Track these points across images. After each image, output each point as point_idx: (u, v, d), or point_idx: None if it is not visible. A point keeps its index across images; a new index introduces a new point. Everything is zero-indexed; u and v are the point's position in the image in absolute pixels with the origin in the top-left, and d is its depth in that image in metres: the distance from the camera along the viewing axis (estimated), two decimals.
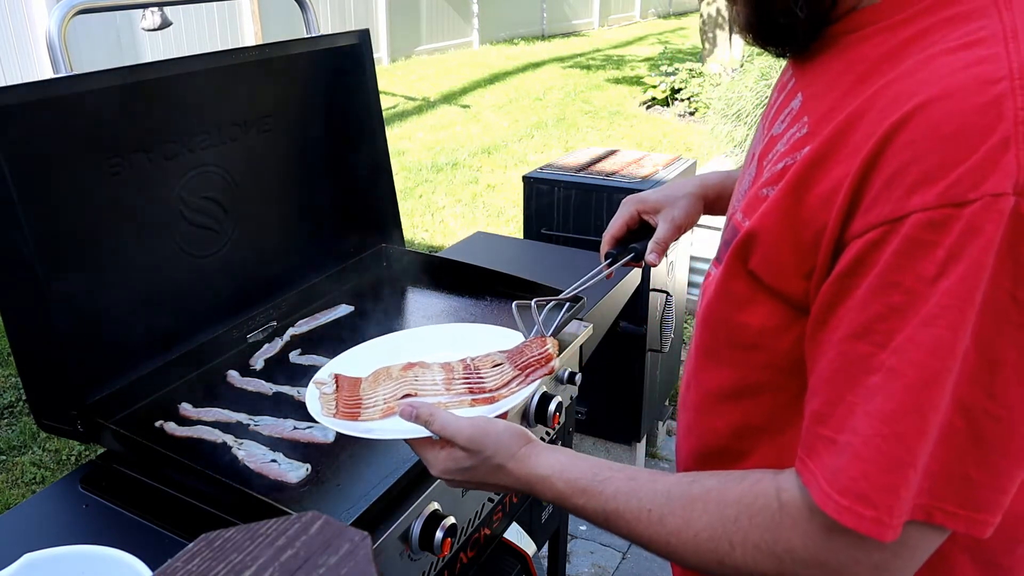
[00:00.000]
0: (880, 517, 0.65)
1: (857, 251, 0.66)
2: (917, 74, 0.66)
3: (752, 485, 0.76)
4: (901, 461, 0.64)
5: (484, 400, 1.01)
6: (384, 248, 1.98)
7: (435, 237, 5.40)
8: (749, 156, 0.93)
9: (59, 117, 1.25)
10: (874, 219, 0.65)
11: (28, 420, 3.35)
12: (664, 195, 1.27)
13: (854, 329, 0.67)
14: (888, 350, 0.65)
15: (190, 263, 1.54)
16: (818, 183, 0.70)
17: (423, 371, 1.08)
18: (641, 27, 17.45)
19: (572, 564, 2.65)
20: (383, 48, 11.74)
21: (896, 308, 0.64)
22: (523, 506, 1.65)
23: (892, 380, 0.65)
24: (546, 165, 2.98)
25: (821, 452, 0.70)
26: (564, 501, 0.86)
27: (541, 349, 1.06)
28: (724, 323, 0.84)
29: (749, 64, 6.24)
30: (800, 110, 0.79)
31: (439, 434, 0.90)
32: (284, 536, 0.51)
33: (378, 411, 1.01)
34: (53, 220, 1.28)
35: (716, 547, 0.75)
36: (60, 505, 1.26)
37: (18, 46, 7.38)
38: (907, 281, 0.63)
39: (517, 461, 0.88)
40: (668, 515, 0.79)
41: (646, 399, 2.95)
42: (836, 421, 0.69)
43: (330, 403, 1.04)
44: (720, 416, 0.90)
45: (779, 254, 0.74)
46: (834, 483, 0.67)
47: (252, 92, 1.62)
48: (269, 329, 1.66)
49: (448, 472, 0.91)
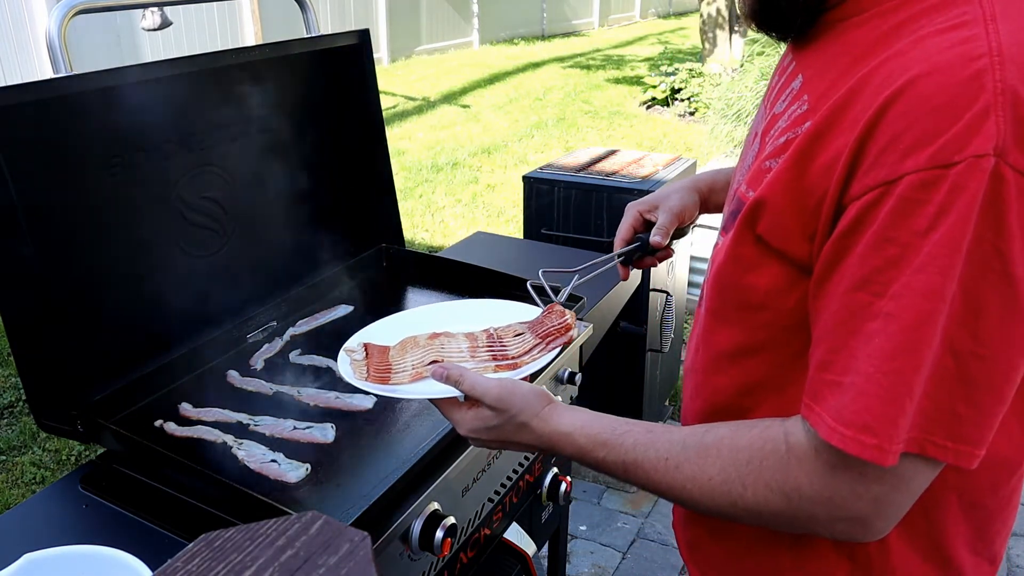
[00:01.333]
0: (881, 444, 0.72)
1: (856, 212, 0.73)
2: (908, 53, 0.73)
3: (762, 431, 0.83)
4: (899, 393, 0.71)
5: (507, 366, 1.06)
6: (384, 248, 1.98)
7: (435, 237, 5.40)
8: (751, 135, 1.00)
9: (59, 117, 1.25)
10: (871, 182, 0.72)
11: (28, 420, 3.35)
12: (659, 192, 1.37)
13: (854, 282, 0.74)
14: (885, 298, 0.72)
15: (190, 263, 1.54)
16: (820, 154, 0.77)
17: (448, 340, 1.13)
18: (641, 27, 17.45)
19: (572, 564, 2.65)
20: (383, 48, 11.74)
21: (892, 260, 0.71)
22: (523, 506, 1.65)
23: (889, 323, 0.72)
24: (546, 165, 2.98)
25: (827, 395, 0.76)
26: (585, 455, 0.92)
27: (560, 319, 1.12)
28: (733, 286, 0.90)
29: (749, 64, 6.24)
30: (800, 89, 0.86)
31: (468, 393, 0.96)
32: (284, 536, 0.51)
33: (407, 375, 1.07)
34: (53, 220, 1.28)
35: (729, 489, 0.82)
36: (60, 505, 1.26)
37: (18, 46, 7.38)
38: (901, 235, 0.71)
39: (540, 419, 0.94)
40: (684, 462, 0.85)
41: (646, 399, 2.95)
42: (839, 366, 0.75)
43: (361, 368, 1.10)
44: (727, 374, 0.95)
45: (785, 219, 0.81)
46: (839, 418, 0.74)
47: (252, 92, 1.62)
48: (269, 329, 1.66)
49: (475, 431, 0.97)
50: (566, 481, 1.73)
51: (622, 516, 2.91)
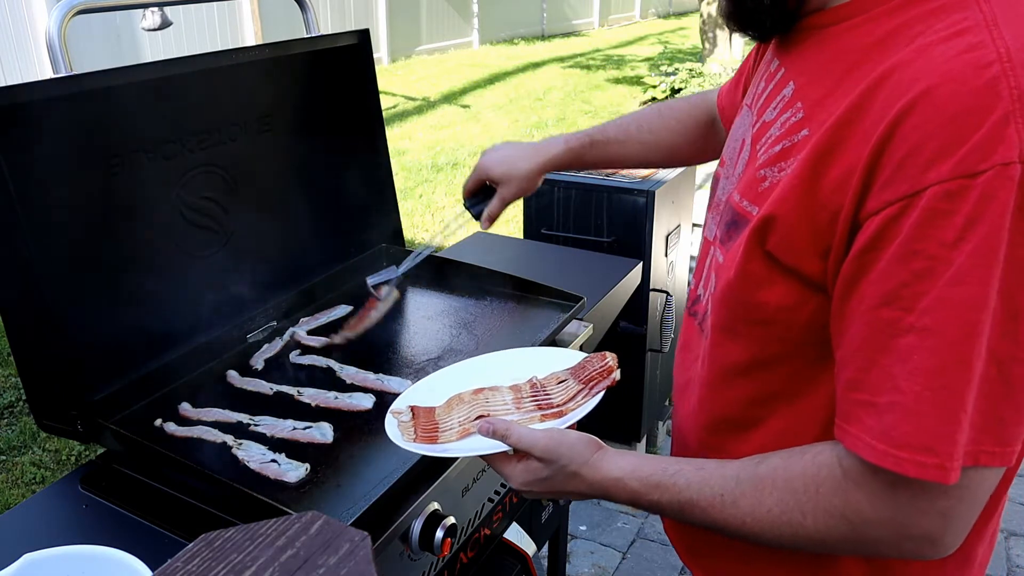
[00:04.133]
0: (942, 463, 0.71)
1: (876, 227, 0.72)
2: (915, 63, 0.72)
3: (814, 457, 0.81)
4: (955, 409, 0.70)
5: (553, 415, 1.06)
6: (384, 248, 1.98)
7: (435, 236, 5.40)
8: (738, 141, 0.99)
9: (59, 117, 1.25)
10: (890, 196, 0.71)
11: (28, 420, 3.35)
12: (503, 171, 1.47)
13: (879, 298, 0.73)
14: (916, 312, 0.71)
15: (190, 263, 1.54)
16: (831, 168, 0.76)
17: (493, 394, 1.14)
18: (641, 27, 17.45)
19: (572, 564, 2.65)
20: (383, 48, 11.73)
21: (920, 273, 0.70)
22: (523, 506, 1.65)
23: (928, 338, 0.70)
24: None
25: (861, 416, 0.75)
26: (639, 499, 0.91)
27: (602, 363, 1.12)
28: (743, 302, 0.89)
29: None
30: (793, 97, 0.86)
31: (516, 447, 0.96)
32: (284, 536, 0.51)
33: (455, 433, 1.06)
34: (53, 220, 1.27)
35: (790, 519, 0.81)
36: (60, 505, 1.26)
37: (18, 46, 7.37)
38: (929, 248, 0.69)
39: (591, 467, 0.93)
40: (740, 497, 0.84)
41: (646, 399, 2.95)
42: (872, 385, 0.74)
43: (409, 430, 1.09)
44: (738, 387, 0.94)
45: (796, 236, 0.80)
46: (888, 439, 0.73)
47: (252, 92, 1.62)
48: (269, 329, 1.65)
49: (527, 484, 0.96)
50: None
51: (622, 516, 2.91)
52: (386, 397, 1.41)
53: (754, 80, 1.01)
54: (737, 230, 0.89)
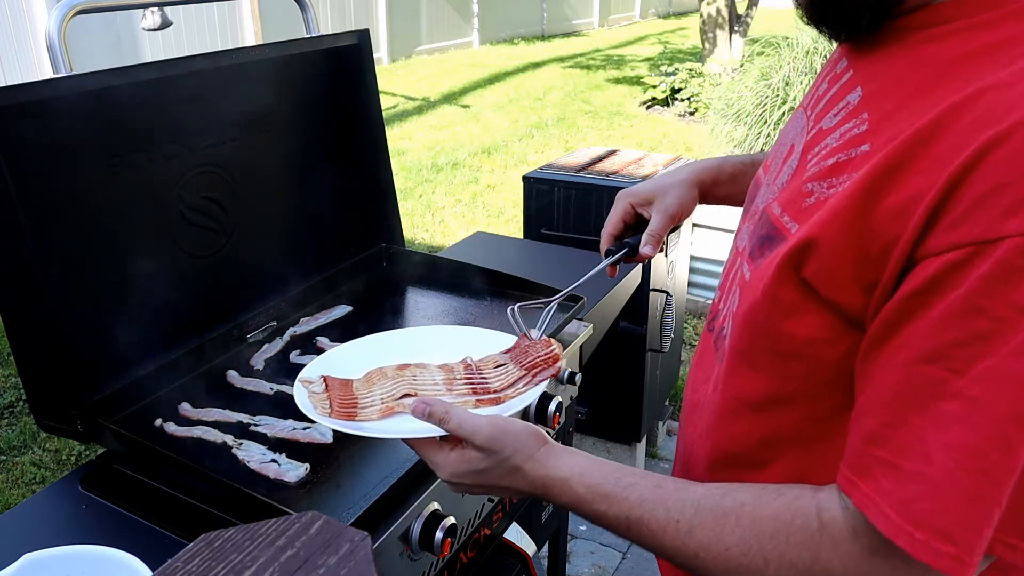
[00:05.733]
0: (960, 555, 0.62)
1: (935, 270, 0.63)
2: (1015, 87, 0.63)
3: (790, 502, 0.73)
4: (988, 498, 0.62)
5: (489, 401, 0.98)
6: (384, 248, 1.98)
7: (435, 237, 5.40)
8: (785, 145, 0.90)
9: (59, 117, 1.25)
10: (959, 238, 0.61)
11: (28, 420, 3.35)
12: (656, 185, 1.24)
13: (926, 352, 0.64)
14: (967, 378, 0.62)
15: (190, 263, 1.54)
16: (891, 193, 0.66)
17: (420, 371, 1.04)
18: (641, 27, 17.45)
19: (572, 564, 2.65)
20: (383, 48, 11.73)
21: (980, 335, 0.61)
22: (523, 506, 1.65)
23: (975, 410, 0.61)
24: (546, 165, 2.98)
25: (879, 476, 0.66)
26: (582, 506, 0.83)
27: (547, 349, 1.03)
28: (767, 330, 0.80)
29: (749, 64, 6.24)
30: (859, 105, 0.76)
31: (455, 432, 0.86)
32: (284, 536, 0.51)
33: (376, 411, 0.97)
34: (53, 220, 1.27)
35: (749, 563, 0.73)
36: (60, 505, 1.26)
37: (18, 46, 7.37)
38: (996, 308, 0.60)
39: (535, 462, 0.85)
40: (698, 527, 0.76)
41: (646, 399, 2.95)
42: (898, 445, 0.65)
43: (323, 402, 0.99)
44: (748, 423, 0.86)
45: (839, 265, 0.70)
46: (907, 514, 0.64)
47: (252, 92, 1.62)
48: (269, 329, 1.66)
49: (458, 475, 0.87)
50: None
51: None
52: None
53: (816, 80, 0.90)
54: (771, 246, 0.80)
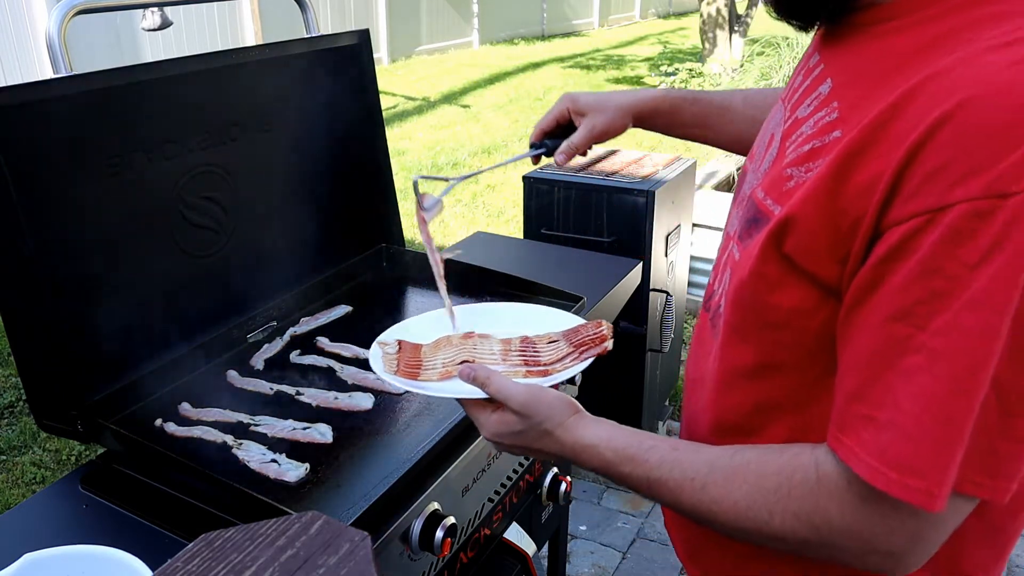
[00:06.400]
0: (930, 489, 0.69)
1: (897, 238, 0.70)
2: (960, 70, 0.69)
3: (791, 458, 0.80)
4: (952, 439, 0.69)
5: (538, 373, 1.05)
6: (384, 248, 1.98)
7: (435, 237, 5.40)
8: (768, 135, 0.97)
9: (59, 117, 1.25)
10: (915, 208, 0.68)
11: (28, 420, 3.35)
12: (595, 100, 1.34)
13: (893, 311, 0.71)
14: (928, 331, 0.69)
15: (190, 263, 1.54)
16: (858, 173, 0.73)
17: (482, 341, 1.13)
18: (641, 27, 17.45)
19: (572, 564, 2.65)
20: (383, 48, 11.74)
21: (937, 292, 0.68)
22: (523, 506, 1.65)
23: (936, 361, 0.68)
24: (546, 165, 2.97)
25: (859, 429, 0.74)
26: (609, 468, 0.91)
27: (596, 330, 1.11)
28: (755, 303, 0.87)
29: (749, 64, 6.24)
30: (829, 95, 0.83)
31: (494, 396, 0.95)
32: (284, 536, 0.51)
33: (436, 373, 1.06)
34: (53, 220, 1.27)
35: (755, 515, 0.80)
36: (60, 505, 1.26)
37: (18, 46, 7.38)
38: (949, 267, 0.67)
39: (565, 429, 0.93)
40: (710, 484, 0.83)
41: (646, 399, 2.95)
42: (874, 400, 0.72)
43: (392, 362, 1.09)
44: (743, 392, 0.93)
45: (815, 239, 0.78)
46: (882, 458, 0.71)
47: (252, 92, 1.62)
48: (269, 329, 1.66)
49: (498, 435, 0.96)
50: (566, 481, 1.73)
51: (622, 516, 2.91)
52: (386, 397, 1.41)
53: (793, 74, 0.98)
54: (757, 228, 0.87)
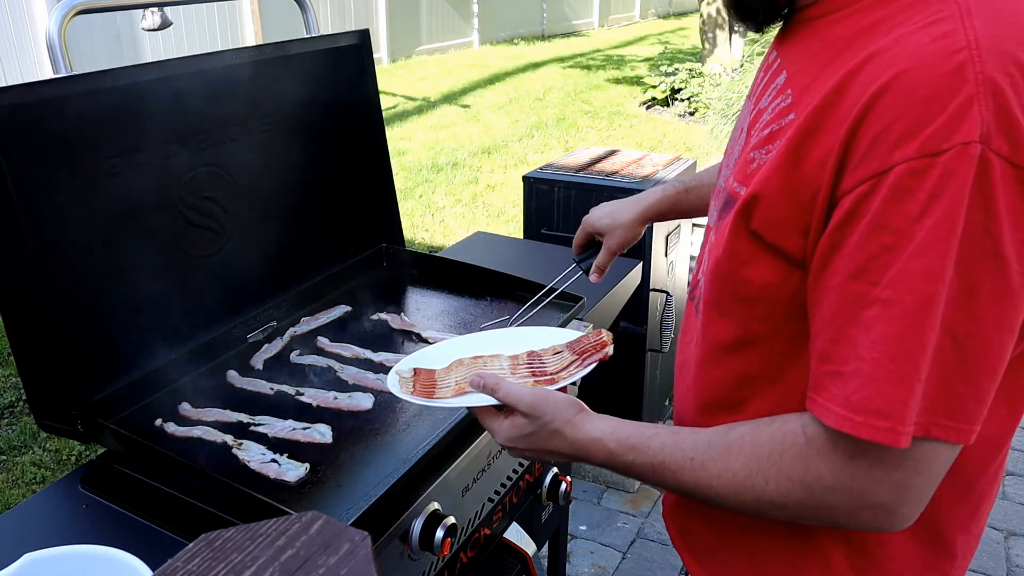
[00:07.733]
0: (894, 426, 0.74)
1: (849, 204, 0.76)
2: (891, 50, 0.76)
3: (781, 425, 0.85)
4: (907, 375, 0.74)
5: (545, 381, 1.11)
6: (384, 248, 1.98)
7: (435, 237, 5.40)
8: (737, 131, 1.03)
9: (59, 117, 1.25)
10: (862, 174, 0.75)
11: (28, 420, 3.35)
12: (608, 222, 1.55)
13: (850, 271, 0.77)
14: (881, 284, 0.74)
15: (190, 263, 1.54)
16: (812, 150, 0.79)
17: (492, 360, 1.20)
18: (641, 27, 17.45)
19: (572, 564, 2.65)
20: (383, 48, 11.73)
21: (887, 247, 0.74)
22: (523, 506, 1.65)
23: (890, 308, 0.74)
24: (546, 165, 2.97)
25: (829, 386, 0.79)
26: (615, 460, 0.95)
27: (597, 337, 1.17)
28: (730, 279, 0.92)
29: (749, 64, 6.24)
30: (784, 84, 0.90)
31: (503, 400, 1.01)
32: (284, 536, 0.51)
33: (450, 391, 1.12)
34: (53, 220, 1.27)
35: (753, 484, 0.85)
36: (60, 505, 1.26)
37: (18, 46, 7.37)
38: (895, 222, 0.73)
39: (573, 426, 0.98)
40: (709, 461, 0.88)
41: (646, 399, 2.95)
42: (840, 355, 0.78)
43: (408, 384, 1.16)
44: (724, 367, 0.98)
45: (779, 214, 0.83)
46: (848, 405, 0.76)
47: (252, 92, 1.62)
48: (269, 329, 1.66)
49: (511, 439, 1.01)
50: (566, 481, 1.73)
51: (622, 516, 2.91)
52: (386, 397, 1.41)
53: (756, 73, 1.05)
54: (728, 210, 0.92)
